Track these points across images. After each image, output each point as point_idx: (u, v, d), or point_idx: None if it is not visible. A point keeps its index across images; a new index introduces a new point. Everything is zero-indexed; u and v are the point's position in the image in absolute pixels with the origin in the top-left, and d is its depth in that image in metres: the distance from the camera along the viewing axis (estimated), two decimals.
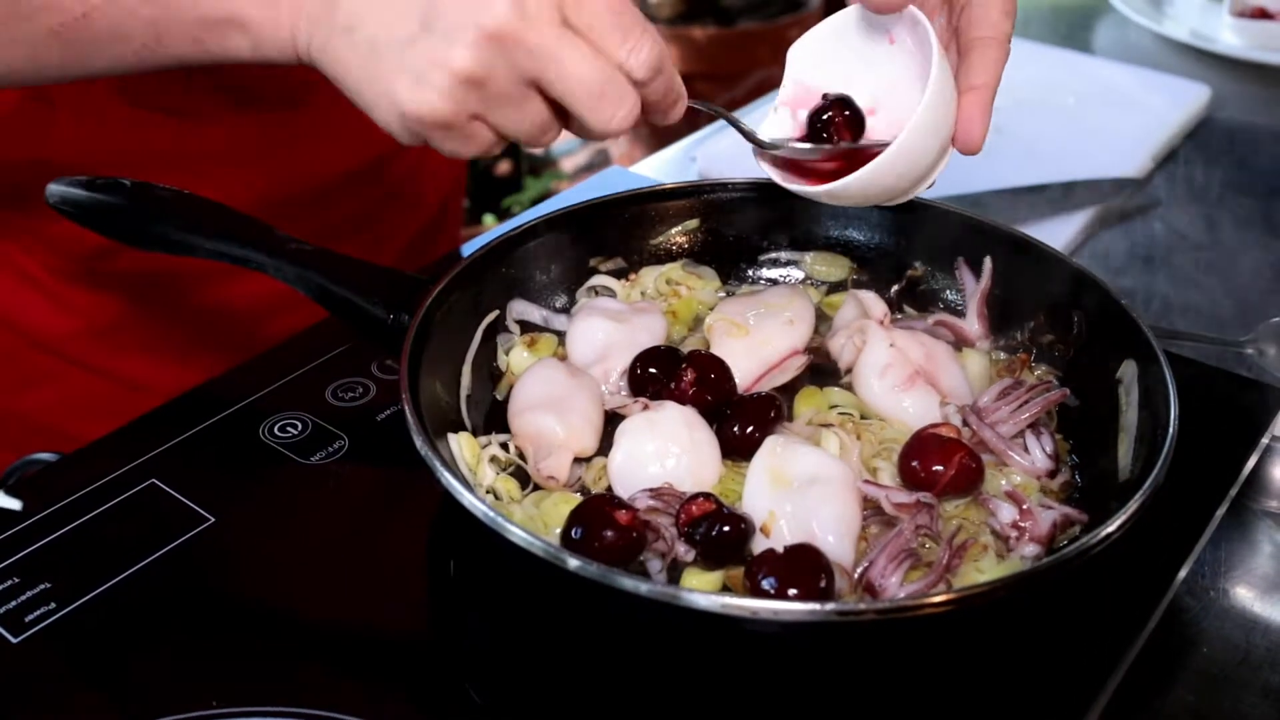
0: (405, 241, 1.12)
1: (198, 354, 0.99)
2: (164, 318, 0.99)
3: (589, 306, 0.81)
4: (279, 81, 0.91)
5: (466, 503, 0.60)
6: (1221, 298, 0.99)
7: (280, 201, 0.96)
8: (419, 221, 1.14)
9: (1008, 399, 0.73)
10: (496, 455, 0.71)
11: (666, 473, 0.68)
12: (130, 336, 0.98)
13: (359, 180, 1.03)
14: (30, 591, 0.66)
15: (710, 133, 1.27)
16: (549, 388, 0.73)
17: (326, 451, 0.76)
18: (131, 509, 0.72)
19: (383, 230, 1.09)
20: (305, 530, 0.72)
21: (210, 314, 1.01)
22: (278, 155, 0.96)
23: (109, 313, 0.97)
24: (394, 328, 0.74)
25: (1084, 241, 1.07)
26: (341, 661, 0.64)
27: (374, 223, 1.08)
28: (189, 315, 1.00)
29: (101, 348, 0.97)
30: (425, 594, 0.69)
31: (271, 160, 0.96)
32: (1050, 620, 0.64)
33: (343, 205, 1.04)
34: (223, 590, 0.68)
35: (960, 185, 1.08)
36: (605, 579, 0.56)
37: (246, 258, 0.77)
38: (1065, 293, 0.77)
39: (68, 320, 0.96)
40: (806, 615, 0.55)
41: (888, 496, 0.65)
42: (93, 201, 0.79)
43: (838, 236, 0.87)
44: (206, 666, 0.63)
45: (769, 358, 0.77)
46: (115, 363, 0.98)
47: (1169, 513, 0.67)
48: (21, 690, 0.61)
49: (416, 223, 1.14)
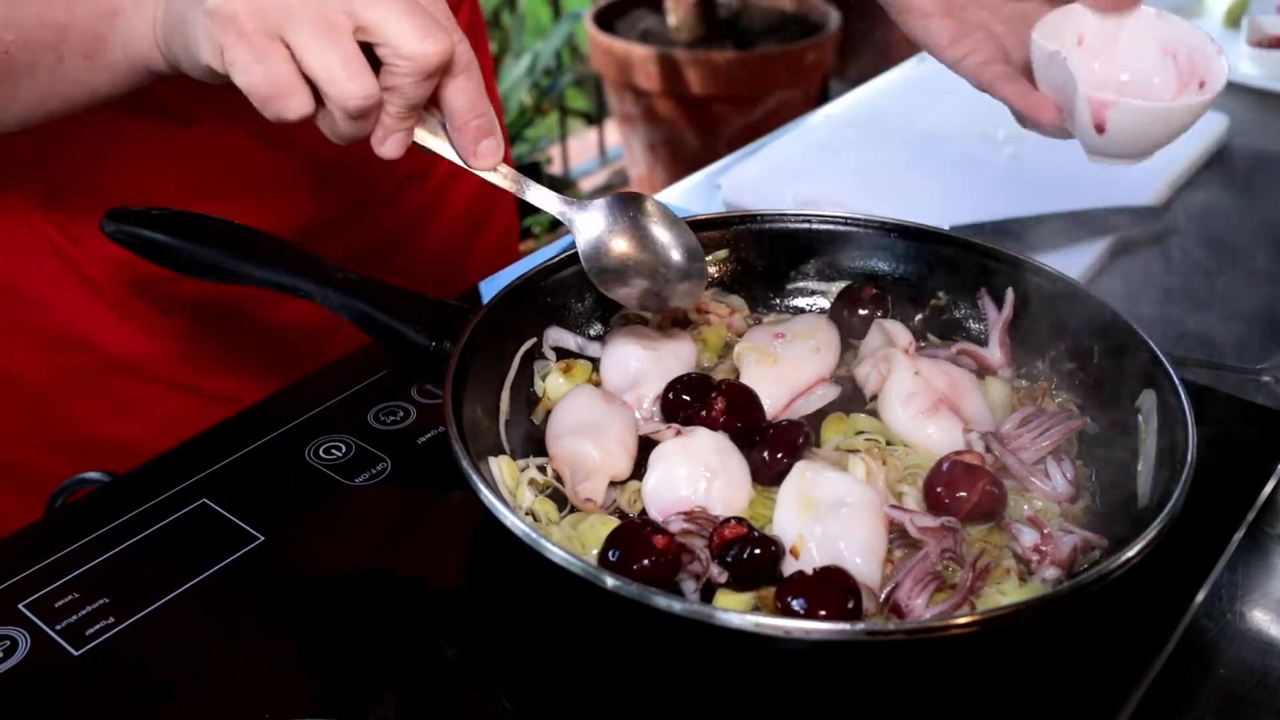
0: (455, 258, 1.15)
1: (276, 364, 1.01)
2: (240, 332, 1.02)
3: (621, 334, 0.84)
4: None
5: (508, 523, 0.62)
6: (1239, 325, 1.00)
7: (322, 221, 0.99)
8: (462, 240, 1.17)
9: (1029, 426, 0.75)
10: (535, 478, 0.74)
11: (699, 496, 0.70)
12: (208, 352, 1.00)
13: (396, 197, 1.06)
14: (90, 606, 0.69)
15: (734, 160, 1.30)
16: (585, 413, 0.76)
17: (370, 473, 0.79)
18: (184, 528, 0.75)
19: (425, 246, 1.12)
20: (349, 549, 0.74)
21: (283, 327, 1.03)
22: (317, 179, 1.00)
23: (184, 330, 1.00)
24: (435, 354, 0.77)
25: (1103, 268, 1.09)
26: (384, 674, 0.66)
27: (414, 240, 1.11)
28: (262, 329, 1.02)
29: (181, 366, 1.00)
30: (462, 610, 0.71)
31: (312, 184, 1.00)
32: (1071, 641, 0.66)
33: (386, 219, 1.06)
34: (272, 606, 0.70)
35: (981, 213, 1.11)
36: (642, 598, 0.58)
37: (295, 286, 0.81)
38: (1085, 323, 0.80)
39: (146, 341, 0.98)
40: (837, 635, 0.58)
41: (913, 520, 0.68)
42: (148, 233, 0.83)
43: (863, 267, 0.89)
44: (257, 679, 0.65)
45: (796, 385, 0.80)
46: (197, 379, 1.00)
47: (1187, 537, 0.68)
48: (82, 700, 0.64)
49: (460, 241, 1.16)
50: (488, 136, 0.67)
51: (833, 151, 1.28)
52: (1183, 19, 0.77)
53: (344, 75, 0.61)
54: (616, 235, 0.76)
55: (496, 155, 0.68)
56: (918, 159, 1.26)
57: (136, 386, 0.99)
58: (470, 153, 0.68)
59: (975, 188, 1.20)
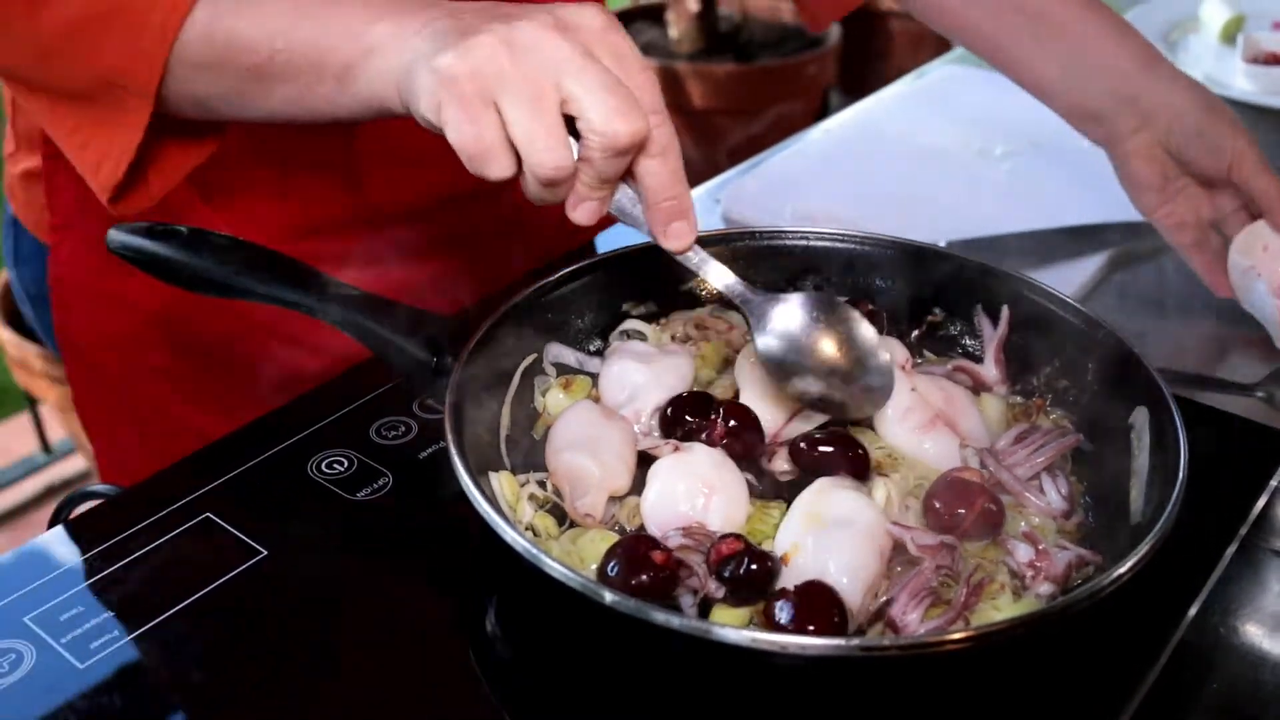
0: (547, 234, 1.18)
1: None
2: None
3: (620, 350, 0.85)
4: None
5: (508, 538, 0.63)
6: (1233, 342, 1.01)
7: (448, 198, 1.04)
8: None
9: (1024, 443, 0.76)
10: (535, 493, 0.75)
11: (697, 511, 0.71)
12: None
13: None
14: (95, 620, 0.70)
15: (733, 176, 1.31)
16: (584, 429, 0.77)
17: (371, 488, 0.80)
18: (188, 542, 0.76)
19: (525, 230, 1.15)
20: (351, 563, 0.75)
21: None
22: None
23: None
24: (437, 370, 0.78)
25: (1098, 284, 1.10)
26: (385, 688, 0.67)
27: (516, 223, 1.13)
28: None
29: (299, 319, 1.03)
30: (463, 624, 0.72)
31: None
32: (1064, 656, 0.67)
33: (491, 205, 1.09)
34: (274, 620, 0.71)
35: (978, 228, 1.12)
36: (640, 613, 0.59)
37: (297, 302, 0.81)
38: (1079, 340, 0.81)
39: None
40: (832, 650, 0.59)
41: (913, 539, 0.68)
42: (150, 247, 0.84)
43: (860, 284, 0.90)
44: (259, 692, 0.66)
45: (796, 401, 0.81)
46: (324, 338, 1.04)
47: (1180, 552, 0.69)
48: (87, 713, 0.65)
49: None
50: (680, 220, 0.70)
51: (831, 166, 1.29)
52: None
53: (542, 146, 0.64)
54: (804, 335, 0.76)
55: (688, 238, 0.71)
56: (916, 174, 1.27)
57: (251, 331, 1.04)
58: (661, 233, 0.70)
59: (972, 203, 1.21)
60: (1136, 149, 0.96)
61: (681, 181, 0.69)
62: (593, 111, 0.63)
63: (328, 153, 0.99)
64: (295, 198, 1.02)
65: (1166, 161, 0.96)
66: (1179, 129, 0.94)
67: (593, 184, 0.67)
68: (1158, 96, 0.94)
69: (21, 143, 1.08)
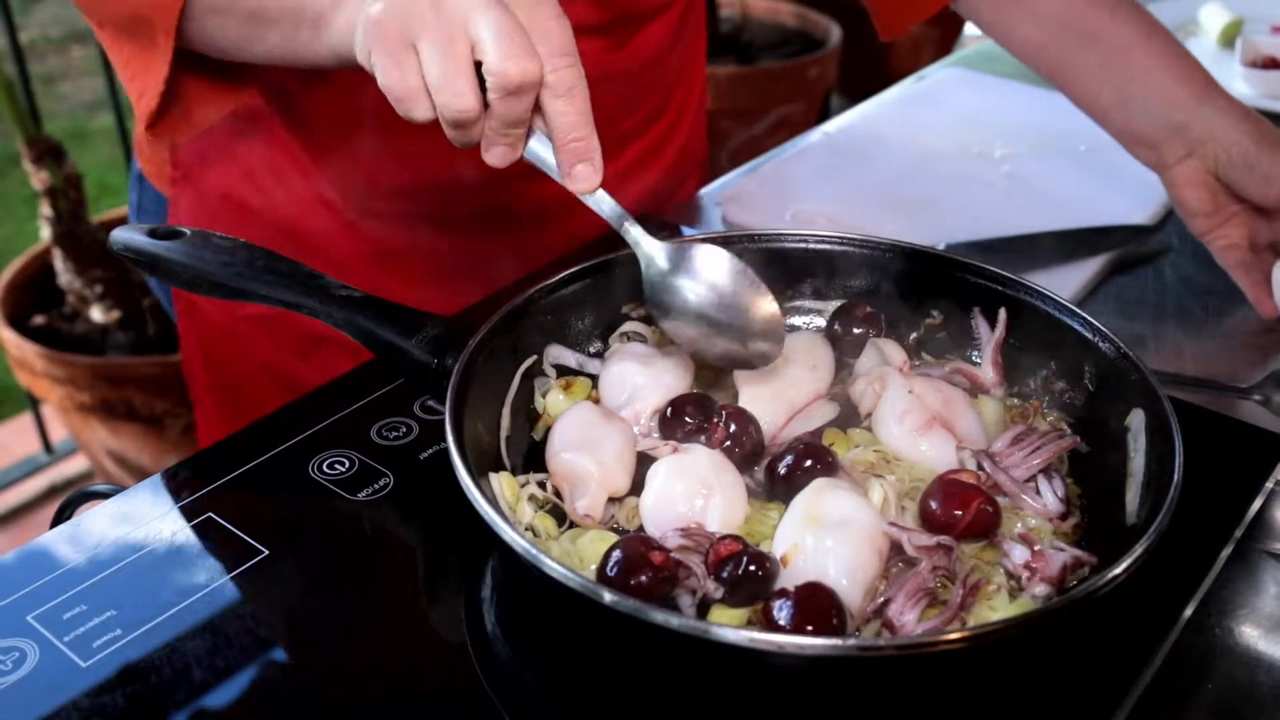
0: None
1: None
2: (438, 250, 1.14)
3: (619, 352, 0.85)
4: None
5: (508, 538, 0.64)
6: (1230, 345, 1.02)
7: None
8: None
9: (1021, 444, 0.76)
10: (535, 494, 0.75)
11: (695, 512, 0.72)
12: (409, 261, 1.13)
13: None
14: (97, 618, 0.70)
15: (733, 178, 1.32)
16: (584, 430, 0.77)
17: (372, 489, 0.80)
18: (190, 541, 0.76)
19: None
20: (352, 563, 0.76)
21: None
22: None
23: (392, 241, 1.12)
24: (438, 371, 0.79)
25: (1096, 287, 1.10)
26: (386, 685, 0.68)
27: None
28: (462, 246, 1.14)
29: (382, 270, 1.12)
30: (462, 623, 0.72)
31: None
32: (1060, 657, 0.68)
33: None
34: (276, 618, 0.72)
35: (976, 231, 1.12)
36: (639, 613, 0.59)
37: (299, 303, 0.82)
38: (1076, 343, 0.81)
39: (357, 244, 1.11)
40: (830, 650, 0.59)
41: (910, 539, 0.69)
42: (153, 249, 0.84)
43: (858, 286, 0.91)
44: (260, 690, 0.67)
45: (795, 403, 0.81)
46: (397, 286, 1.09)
47: (1176, 554, 0.70)
48: (89, 711, 0.65)
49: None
50: (583, 160, 0.72)
51: (831, 169, 1.30)
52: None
53: (448, 88, 0.69)
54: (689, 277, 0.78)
55: (592, 180, 0.73)
56: (915, 177, 1.28)
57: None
58: (567, 174, 0.73)
59: (971, 206, 1.21)
60: (1186, 176, 0.99)
61: (588, 124, 0.71)
62: (490, 54, 0.67)
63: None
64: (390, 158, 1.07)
65: (1216, 188, 0.98)
66: (1228, 160, 0.97)
67: (497, 127, 0.70)
68: (1209, 127, 0.97)
69: None
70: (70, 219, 2.16)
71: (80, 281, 2.18)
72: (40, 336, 2.14)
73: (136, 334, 2.19)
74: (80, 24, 4.28)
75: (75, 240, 2.16)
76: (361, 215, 1.11)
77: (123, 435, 2.14)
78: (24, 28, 3.78)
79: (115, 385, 2.05)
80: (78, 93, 4.14)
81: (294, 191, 1.11)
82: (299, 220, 1.12)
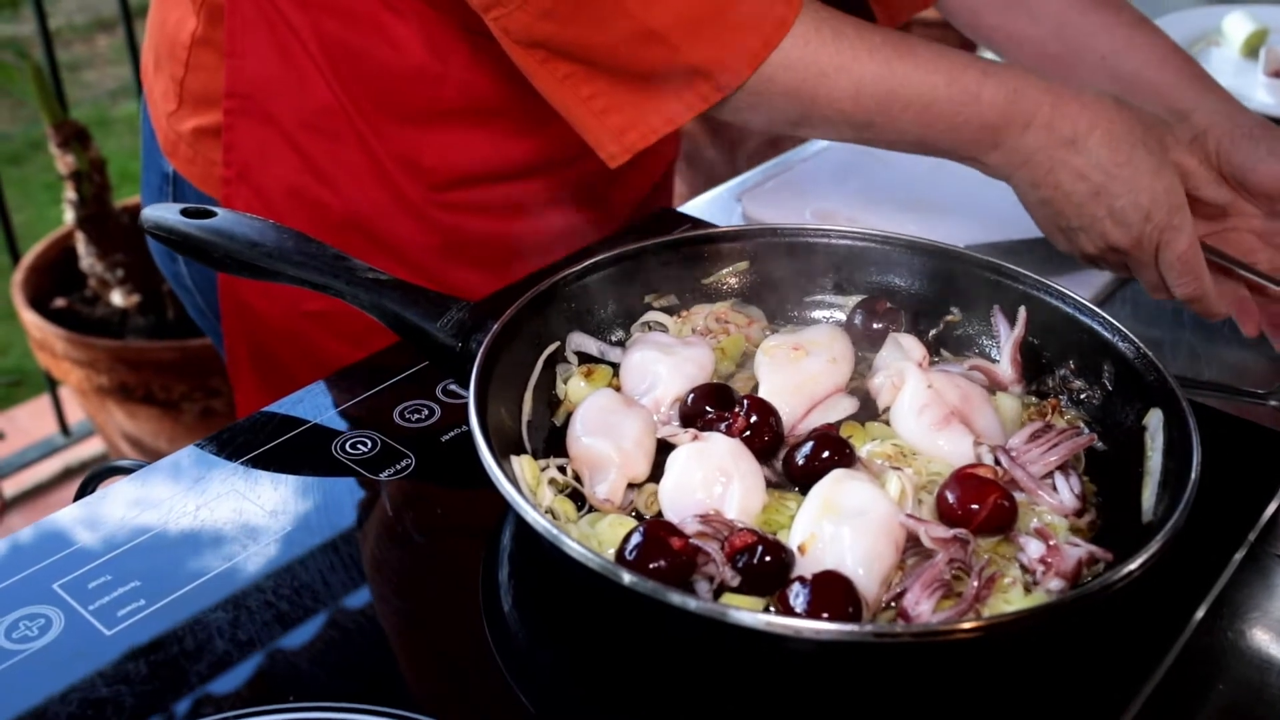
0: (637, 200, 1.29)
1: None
2: (501, 240, 1.16)
3: (641, 340, 0.86)
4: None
5: (530, 519, 0.65)
6: (1246, 350, 1.02)
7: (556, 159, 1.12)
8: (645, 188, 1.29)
9: (1038, 441, 0.77)
10: (555, 478, 0.76)
11: (714, 500, 0.72)
12: (473, 253, 1.15)
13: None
14: (122, 588, 0.72)
15: (754, 176, 1.33)
16: (605, 416, 0.78)
17: (394, 469, 0.81)
18: (214, 516, 0.77)
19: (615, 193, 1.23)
20: (373, 542, 0.77)
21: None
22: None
23: (460, 233, 1.14)
24: (462, 355, 0.80)
25: (1114, 290, 1.10)
26: (404, 663, 0.68)
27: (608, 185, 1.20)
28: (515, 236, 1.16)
29: (447, 261, 1.15)
30: (481, 603, 0.73)
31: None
32: (1072, 653, 0.68)
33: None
34: (296, 594, 0.73)
35: (996, 232, 1.13)
36: (657, 595, 0.60)
37: (326, 285, 0.83)
38: (1095, 343, 0.82)
39: (427, 237, 1.13)
40: (845, 635, 0.60)
41: (926, 531, 0.69)
42: (185, 227, 0.86)
43: (879, 282, 0.91)
44: (282, 664, 0.68)
45: (815, 395, 0.82)
46: (454, 274, 1.15)
47: (1189, 555, 0.70)
48: (112, 679, 0.66)
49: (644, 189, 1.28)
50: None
51: (851, 169, 1.30)
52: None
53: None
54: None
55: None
56: (935, 178, 1.28)
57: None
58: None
59: (991, 207, 1.21)
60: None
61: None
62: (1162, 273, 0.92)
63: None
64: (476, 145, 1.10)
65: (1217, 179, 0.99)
66: (1232, 140, 0.97)
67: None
68: (1210, 114, 0.98)
69: (189, 102, 1.13)
70: (94, 203, 2.18)
71: (102, 265, 2.20)
72: (61, 319, 2.16)
73: (156, 318, 2.21)
74: (106, 12, 4.30)
75: (98, 224, 2.18)
76: (435, 207, 1.12)
77: (139, 418, 2.16)
78: (51, 15, 3.82)
79: (134, 368, 2.07)
80: (101, 80, 4.18)
81: (364, 185, 1.10)
82: (368, 214, 1.11)
